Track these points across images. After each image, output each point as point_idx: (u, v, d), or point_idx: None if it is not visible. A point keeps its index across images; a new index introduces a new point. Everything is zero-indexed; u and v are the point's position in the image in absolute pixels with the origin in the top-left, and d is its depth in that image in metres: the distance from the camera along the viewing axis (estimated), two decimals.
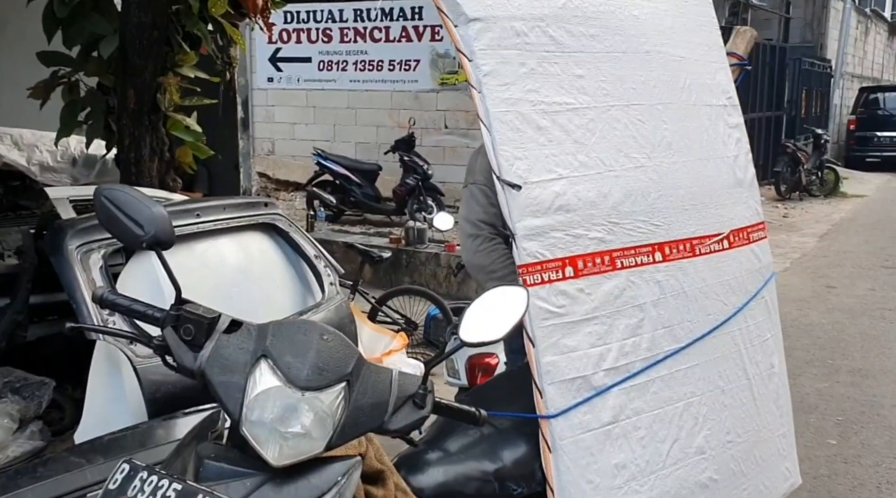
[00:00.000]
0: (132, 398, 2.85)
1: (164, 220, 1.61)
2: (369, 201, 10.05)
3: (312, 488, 1.48)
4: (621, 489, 2.18)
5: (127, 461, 1.51)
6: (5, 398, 3.35)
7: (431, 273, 7.87)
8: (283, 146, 12.28)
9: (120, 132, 3.89)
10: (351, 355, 1.58)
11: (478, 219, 2.74)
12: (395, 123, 11.06)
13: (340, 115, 11.75)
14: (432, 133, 10.92)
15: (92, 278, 3.00)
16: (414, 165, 9.80)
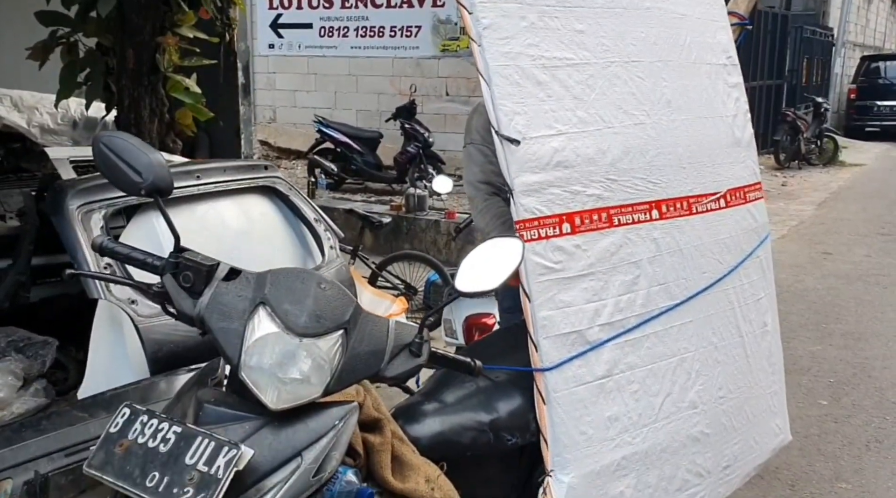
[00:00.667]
0: (134, 357, 2.87)
1: (162, 167, 1.61)
2: (370, 169, 10.02)
3: (310, 432, 1.50)
4: (614, 441, 2.20)
5: (128, 405, 1.53)
6: (9, 357, 3.36)
7: (431, 240, 7.89)
8: (284, 114, 12.22)
9: (119, 93, 3.87)
10: (348, 304, 1.59)
11: (475, 180, 2.74)
12: (396, 91, 10.99)
13: (341, 82, 11.68)
14: (433, 100, 10.86)
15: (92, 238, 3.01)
16: (415, 133, 9.75)
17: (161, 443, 1.44)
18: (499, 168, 2.61)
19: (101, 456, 1.47)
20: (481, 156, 2.72)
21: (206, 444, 1.41)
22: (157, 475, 1.40)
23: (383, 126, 10.28)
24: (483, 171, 2.72)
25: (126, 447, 1.46)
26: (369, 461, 1.76)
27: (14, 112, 4.66)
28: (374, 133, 10.26)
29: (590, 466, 2.15)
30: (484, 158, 2.71)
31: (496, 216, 2.70)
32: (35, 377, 3.35)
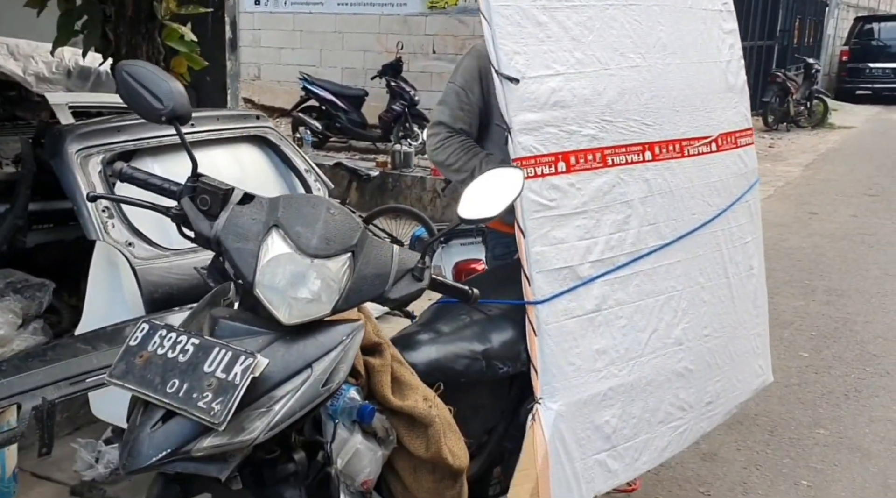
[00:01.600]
0: (130, 297, 2.99)
1: (182, 95, 1.70)
2: (355, 128, 10.07)
3: (319, 346, 1.61)
4: (601, 372, 2.32)
5: (146, 321, 1.62)
6: (8, 297, 3.51)
7: (417, 197, 8.00)
8: (268, 71, 12.21)
9: (117, 41, 3.92)
10: (356, 228, 1.69)
11: (439, 120, 2.77)
12: (382, 48, 10.99)
13: (327, 39, 11.65)
14: (420, 58, 10.86)
15: (91, 182, 3.11)
16: (401, 91, 9.79)
17: (180, 353, 1.54)
18: (468, 115, 2.73)
19: (122, 367, 1.58)
20: (455, 98, 2.75)
21: (223, 353, 1.51)
22: (176, 382, 1.50)
23: (369, 84, 10.31)
24: (451, 114, 2.75)
25: (146, 358, 1.56)
26: (370, 382, 1.88)
27: (10, 60, 4.74)
28: (360, 91, 10.29)
29: (577, 396, 2.27)
30: (457, 102, 2.74)
31: (458, 148, 2.72)
32: (33, 317, 3.51)
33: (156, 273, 2.99)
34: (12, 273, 3.63)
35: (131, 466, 1.50)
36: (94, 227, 2.97)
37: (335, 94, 10.05)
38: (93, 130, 3.25)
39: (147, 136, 3.33)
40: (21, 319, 3.44)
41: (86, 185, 3.05)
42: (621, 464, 2.43)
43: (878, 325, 5.24)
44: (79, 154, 3.10)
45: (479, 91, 2.68)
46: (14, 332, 3.38)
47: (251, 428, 1.50)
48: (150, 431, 1.51)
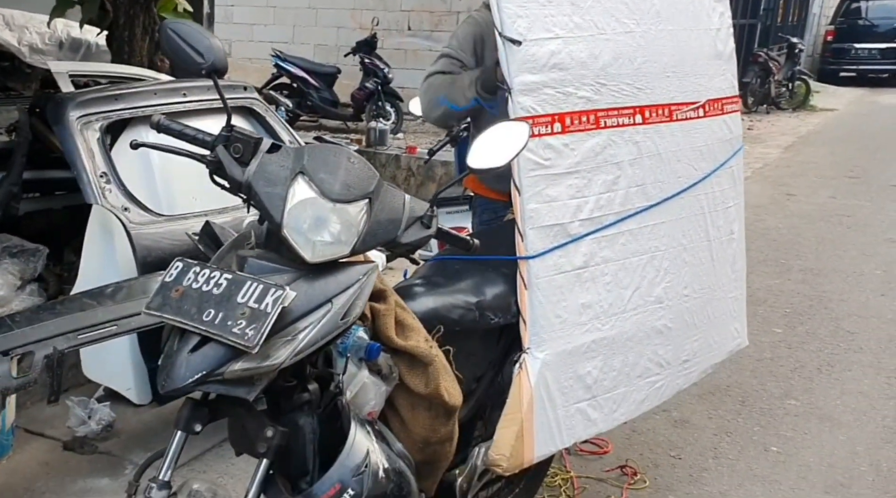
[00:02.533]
0: (124, 261, 3.23)
1: (221, 50, 1.93)
2: (326, 106, 10.29)
3: (339, 283, 1.85)
4: (585, 325, 2.58)
5: (180, 259, 1.85)
6: (6, 261, 3.79)
7: (391, 175, 8.24)
8: (240, 48, 12.33)
9: (115, 11, 4.12)
10: (373, 177, 1.93)
11: (431, 71, 3.07)
12: (357, 24, 11.14)
13: (301, 15, 11.77)
14: (395, 35, 11.03)
15: (90, 148, 3.34)
16: (374, 68, 10.01)
17: (214, 287, 1.76)
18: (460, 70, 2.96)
19: (159, 300, 1.79)
20: (448, 58, 3.05)
21: (255, 286, 1.74)
22: (212, 312, 1.72)
23: (342, 61, 10.53)
24: (443, 66, 3.05)
25: (182, 292, 1.78)
26: (375, 324, 2.12)
27: (6, 31, 4.95)
28: (332, 68, 10.49)
29: (562, 346, 2.53)
30: (449, 60, 3.04)
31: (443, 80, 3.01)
32: (29, 280, 3.80)
33: (149, 238, 3.25)
34: (9, 238, 3.89)
35: (169, 387, 1.72)
36: (92, 192, 3.24)
37: (307, 71, 10.25)
38: (93, 98, 3.51)
39: (145, 104, 3.60)
40: (20, 282, 3.71)
41: (86, 152, 3.31)
42: (600, 413, 2.70)
43: (853, 303, 5.58)
44: (79, 121, 3.36)
45: (472, 56, 2.95)
46: (13, 293, 3.66)
47: (277, 354, 1.73)
48: (186, 355, 1.72)
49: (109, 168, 3.31)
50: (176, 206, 3.43)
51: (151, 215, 3.31)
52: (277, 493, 1.92)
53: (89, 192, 3.21)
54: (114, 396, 3.48)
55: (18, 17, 5.00)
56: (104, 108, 3.46)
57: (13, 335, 2.58)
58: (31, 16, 4.98)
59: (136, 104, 3.56)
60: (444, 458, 2.33)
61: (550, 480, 3.29)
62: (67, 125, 3.30)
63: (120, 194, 3.27)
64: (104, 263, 3.29)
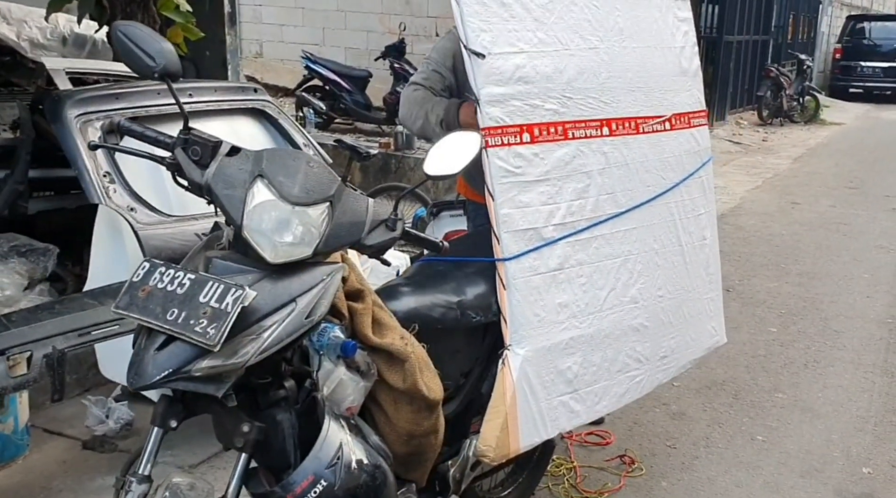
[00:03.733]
0: (134, 260, 3.07)
1: (172, 53, 1.87)
2: (359, 109, 9.91)
3: (303, 283, 1.83)
4: (563, 324, 2.55)
5: (147, 260, 1.84)
6: (13, 260, 3.61)
7: (420, 178, 8.10)
8: (270, 49, 12.07)
9: (112, 8, 3.96)
10: (333, 181, 1.92)
11: (410, 82, 3.02)
12: (385, 29, 10.96)
13: (330, 18, 11.54)
14: (423, 41, 10.84)
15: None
16: (404, 73, 9.64)
17: (178, 287, 1.75)
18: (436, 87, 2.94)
19: (126, 299, 1.78)
20: (427, 69, 3.00)
21: (216, 286, 1.72)
22: (175, 311, 1.71)
23: (372, 65, 10.23)
24: (424, 78, 2.99)
25: (148, 292, 1.77)
26: (353, 323, 2.10)
27: (3, 24, 4.65)
28: (364, 72, 10.16)
29: (542, 343, 2.51)
30: (429, 71, 2.98)
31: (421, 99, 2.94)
32: (38, 280, 3.62)
33: (159, 238, 3.08)
34: (16, 237, 3.72)
35: (137, 384, 1.71)
36: (95, 191, 3.06)
37: (339, 74, 9.89)
38: (92, 96, 3.31)
39: (144, 103, 3.40)
40: (27, 281, 3.55)
41: (85, 148, 3.10)
42: (583, 406, 2.67)
43: (841, 304, 5.50)
44: (78, 119, 3.17)
45: (450, 69, 2.92)
46: (20, 293, 3.49)
47: (243, 352, 1.72)
48: (153, 353, 1.71)
49: (113, 167, 3.11)
50: (186, 205, 3.20)
51: (160, 215, 3.14)
52: (258, 485, 1.91)
53: (92, 191, 3.03)
54: (132, 395, 3.38)
55: (16, 10, 4.68)
56: (104, 106, 3.27)
57: (9, 335, 2.48)
58: (29, 9, 4.65)
59: (138, 103, 3.35)
60: (431, 449, 2.30)
61: (555, 470, 3.29)
62: (66, 123, 3.12)
63: (125, 194, 3.09)
64: (114, 263, 3.15)
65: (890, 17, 23.21)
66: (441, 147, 2.03)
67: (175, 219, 3.20)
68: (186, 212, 3.26)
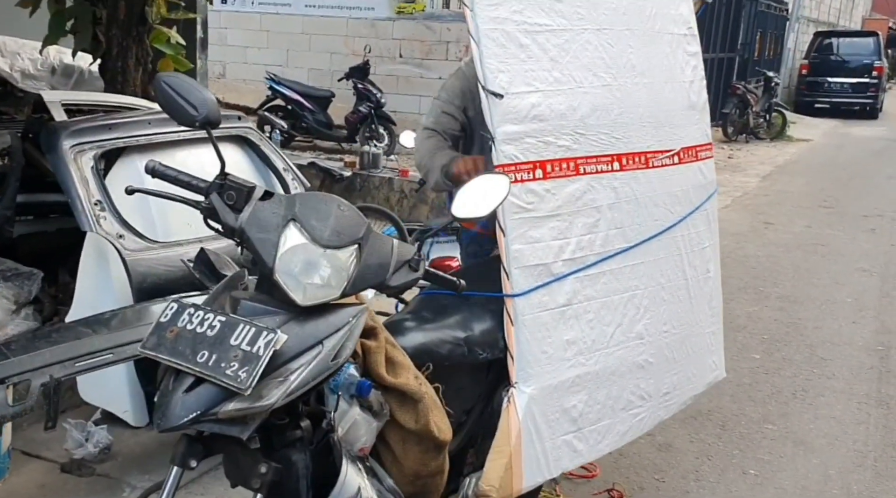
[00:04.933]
0: (119, 287, 3.18)
1: (214, 103, 1.94)
2: (321, 128, 10.29)
3: (329, 325, 1.86)
4: (570, 361, 2.60)
5: (175, 300, 1.86)
6: (0, 285, 3.67)
7: (385, 197, 8.23)
8: (234, 70, 12.34)
9: (108, 42, 4.14)
10: (361, 224, 1.95)
11: (424, 125, 3.14)
12: (350, 51, 11.21)
13: (294, 40, 11.84)
14: (387, 62, 11.12)
15: (84, 176, 3.30)
16: (367, 93, 10.05)
17: (208, 329, 1.78)
18: (448, 126, 3.06)
19: (154, 340, 1.80)
20: (439, 110, 3.11)
21: (247, 329, 1.75)
22: (206, 353, 1.74)
23: (335, 85, 10.54)
24: (435, 121, 3.11)
25: (176, 333, 1.79)
26: (366, 361, 2.13)
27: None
28: (326, 92, 10.52)
29: (548, 381, 2.55)
30: (440, 112, 3.10)
31: (432, 147, 3.08)
32: (23, 304, 3.68)
33: (145, 264, 3.19)
34: (3, 262, 3.80)
35: (165, 425, 1.73)
36: (87, 220, 3.17)
37: (302, 94, 10.28)
38: (86, 127, 3.44)
39: (137, 134, 3.53)
40: (14, 306, 3.62)
41: (80, 180, 3.24)
42: (586, 445, 2.71)
43: (826, 330, 5.61)
44: (73, 150, 3.29)
45: (461, 109, 3.03)
46: (8, 317, 3.56)
47: (269, 395, 1.74)
48: (181, 395, 1.73)
49: (104, 195, 3.25)
50: (171, 232, 3.37)
51: (146, 242, 3.26)
52: None
53: (84, 219, 3.16)
54: (111, 419, 3.42)
55: (10, 43, 4.96)
56: (98, 137, 3.42)
57: (9, 363, 2.55)
58: (23, 42, 4.94)
59: (131, 133, 3.50)
60: (436, 490, 2.33)
61: None
62: (61, 154, 3.26)
63: (115, 221, 3.23)
64: (99, 289, 3.24)
65: (857, 34, 23.96)
66: (469, 190, 2.07)
67: (161, 245, 3.31)
68: (172, 238, 3.36)
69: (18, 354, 2.61)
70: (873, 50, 21.05)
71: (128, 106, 4.11)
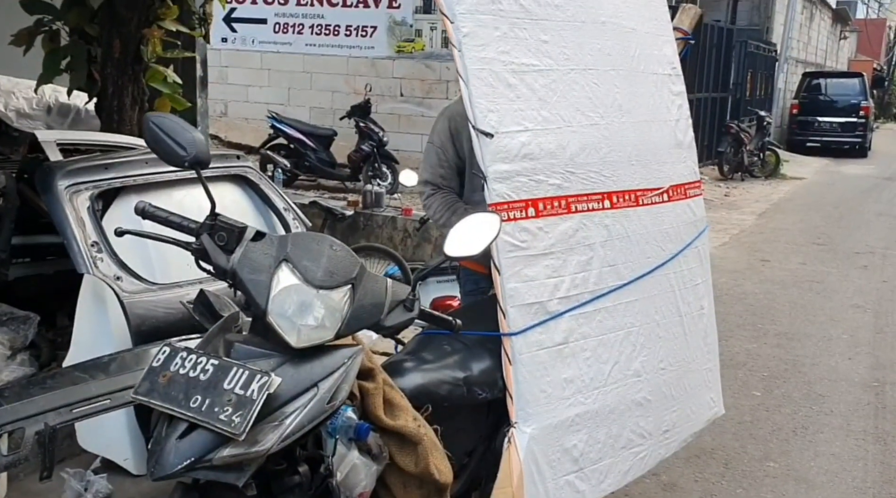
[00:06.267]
0: (117, 330, 3.12)
1: (203, 144, 1.95)
2: (324, 166, 10.26)
3: (325, 367, 1.86)
4: (568, 400, 2.59)
5: (167, 344, 1.86)
6: None
7: (388, 236, 8.19)
8: (235, 108, 12.33)
9: (104, 81, 4.12)
10: (355, 263, 1.96)
11: (424, 179, 3.19)
12: (351, 89, 11.27)
13: (296, 78, 11.86)
14: (388, 100, 11.16)
15: (81, 217, 3.26)
16: (369, 132, 10.04)
17: (201, 373, 1.77)
18: (448, 171, 3.12)
19: (147, 385, 1.80)
20: (434, 157, 3.16)
21: (241, 373, 1.75)
22: (199, 398, 1.73)
23: (337, 124, 10.54)
24: (432, 172, 3.17)
25: (169, 378, 1.79)
26: (364, 403, 2.11)
27: None
28: (329, 130, 10.51)
29: (548, 421, 2.54)
30: (436, 160, 3.16)
31: (442, 204, 3.14)
32: (19, 349, 3.62)
33: (143, 306, 3.13)
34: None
35: (158, 474, 1.71)
36: (83, 261, 3.11)
37: (304, 133, 10.24)
38: (82, 167, 3.39)
39: (133, 173, 3.47)
40: (10, 351, 3.57)
41: (75, 220, 3.18)
42: (588, 485, 2.69)
43: (823, 367, 5.61)
44: (68, 190, 3.23)
45: (452, 148, 3.08)
46: (3, 363, 3.51)
47: (265, 439, 1.73)
48: (175, 441, 1.72)
49: (101, 237, 3.18)
50: (170, 273, 3.31)
51: (145, 284, 3.19)
52: None
53: (80, 261, 3.09)
54: (111, 467, 3.31)
55: (5, 82, 4.88)
56: (94, 176, 3.35)
57: (3, 411, 2.47)
58: (17, 81, 4.87)
59: (127, 173, 3.44)
60: None
61: None
62: (56, 194, 3.19)
63: (112, 263, 3.15)
64: (97, 333, 3.18)
65: (844, 74, 24.27)
66: (461, 228, 2.08)
67: (159, 287, 3.25)
68: (170, 279, 3.31)
69: (12, 401, 2.53)
70: (859, 90, 21.35)
71: (124, 145, 4.05)
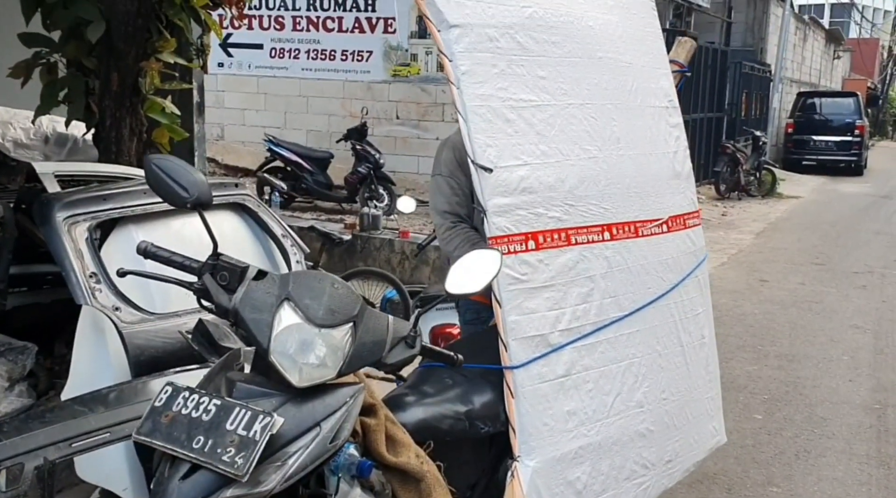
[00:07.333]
0: (116, 361, 3.09)
1: (205, 185, 1.96)
2: (321, 189, 10.36)
3: (326, 406, 1.85)
4: (571, 432, 2.59)
5: (170, 384, 1.85)
6: None
7: (385, 259, 8.19)
8: (232, 132, 12.45)
9: (101, 113, 4.12)
10: (356, 301, 1.95)
11: (441, 210, 3.12)
12: (347, 113, 11.36)
13: (292, 102, 11.97)
14: (384, 123, 11.27)
15: (79, 249, 3.27)
16: (366, 154, 10.13)
17: (203, 413, 1.76)
18: (463, 199, 3.08)
19: (149, 425, 1.79)
20: (448, 188, 3.10)
21: (243, 413, 1.74)
22: (202, 439, 1.72)
23: (334, 147, 10.65)
24: (448, 202, 3.10)
25: (171, 418, 1.78)
26: (366, 439, 2.11)
27: None
28: (325, 153, 10.63)
29: (551, 454, 2.53)
30: (450, 190, 3.09)
31: (465, 240, 3.06)
32: (17, 380, 3.58)
33: (142, 337, 3.09)
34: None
35: None
36: (82, 293, 3.08)
37: (301, 155, 10.36)
38: (80, 199, 3.37)
39: (131, 204, 3.45)
40: (8, 382, 3.53)
41: (74, 253, 3.16)
42: None
43: (824, 389, 5.59)
44: (67, 221, 3.22)
45: (463, 175, 3.02)
46: (1, 394, 3.48)
47: (268, 480, 1.72)
48: (177, 483, 1.71)
49: (99, 268, 3.17)
50: (169, 303, 3.26)
51: (144, 314, 3.16)
52: None
53: (79, 293, 3.06)
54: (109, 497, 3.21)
55: (2, 112, 4.88)
56: (92, 208, 3.33)
57: (2, 446, 2.45)
58: (14, 111, 4.86)
59: (125, 204, 3.42)
60: None
61: None
62: (55, 226, 3.18)
63: (110, 294, 3.13)
64: (96, 364, 3.14)
65: (838, 94, 24.43)
66: (462, 265, 2.08)
67: (158, 317, 3.22)
68: (169, 309, 3.29)
69: (12, 435, 2.52)
70: (854, 109, 21.48)
71: (122, 176, 4.02)
